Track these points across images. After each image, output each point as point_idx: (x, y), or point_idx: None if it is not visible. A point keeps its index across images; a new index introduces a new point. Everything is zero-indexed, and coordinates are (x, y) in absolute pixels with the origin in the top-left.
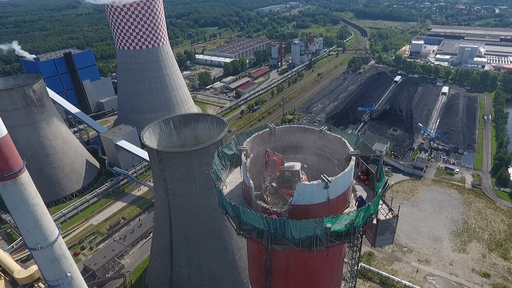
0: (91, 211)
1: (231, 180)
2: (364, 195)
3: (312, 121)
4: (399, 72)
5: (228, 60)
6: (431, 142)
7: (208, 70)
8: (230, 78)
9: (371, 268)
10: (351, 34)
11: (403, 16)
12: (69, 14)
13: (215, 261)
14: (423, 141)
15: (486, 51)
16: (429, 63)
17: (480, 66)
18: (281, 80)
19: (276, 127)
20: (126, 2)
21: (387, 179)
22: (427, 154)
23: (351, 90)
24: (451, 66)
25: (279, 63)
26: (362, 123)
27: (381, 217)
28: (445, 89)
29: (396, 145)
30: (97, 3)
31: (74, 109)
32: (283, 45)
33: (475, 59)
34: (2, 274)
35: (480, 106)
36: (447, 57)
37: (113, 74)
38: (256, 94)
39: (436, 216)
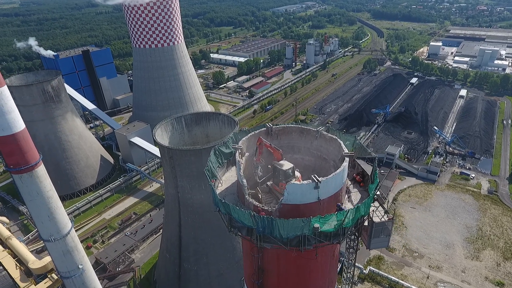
0: (104, 206)
1: (227, 178)
2: (358, 196)
3: (324, 122)
4: (415, 74)
5: (242, 59)
6: (447, 146)
7: (222, 69)
8: (243, 77)
9: (380, 272)
10: (367, 35)
11: (422, 17)
12: (88, 12)
13: (223, 259)
14: (438, 145)
15: (507, 53)
16: (447, 65)
17: (500, 69)
18: (295, 80)
19: (273, 126)
20: (143, 2)
21: (380, 181)
22: (442, 158)
23: (365, 91)
24: (470, 69)
25: (293, 63)
26: (376, 125)
27: (376, 219)
28: (463, 92)
29: (410, 148)
30: (113, 3)
31: (90, 106)
32: (297, 45)
33: (496, 61)
34: (18, 264)
35: (500, 110)
36: (466, 59)
37: (129, 71)
38: (269, 94)
39: (449, 222)
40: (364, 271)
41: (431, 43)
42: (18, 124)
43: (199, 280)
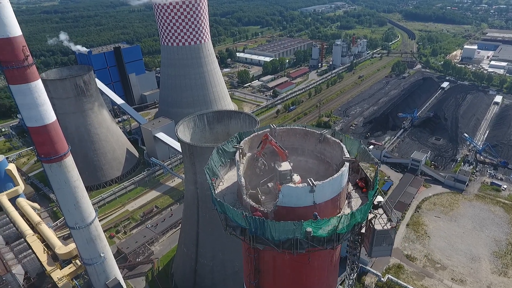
0: (128, 198)
1: (230, 177)
2: (359, 202)
3: (348, 125)
4: (447, 78)
5: (268, 59)
6: (477, 155)
7: (247, 68)
8: (268, 77)
9: (398, 281)
10: (398, 37)
11: (457, 19)
12: (122, 10)
13: (239, 257)
14: (468, 153)
15: None
16: (482, 69)
17: None
18: (320, 81)
19: (277, 127)
20: (172, 1)
21: (379, 188)
22: (471, 167)
23: (392, 94)
24: (507, 74)
25: (319, 64)
26: (402, 130)
27: (378, 227)
28: (498, 98)
29: (437, 155)
30: (141, 2)
31: (119, 100)
32: (324, 46)
33: None
34: (46, 249)
35: None
36: (504, 64)
37: (157, 68)
38: (293, 94)
39: (476, 234)
40: (382, 279)
41: (466, 46)
42: (50, 115)
43: (214, 276)
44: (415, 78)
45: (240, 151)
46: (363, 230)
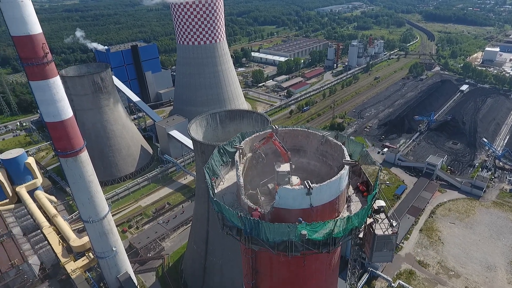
0: (141, 194)
1: (231, 177)
2: (359, 206)
3: (362, 127)
4: (466, 81)
5: (282, 59)
6: (496, 160)
7: (262, 68)
8: (283, 77)
9: (410, 287)
10: (416, 38)
11: (479, 20)
12: (140, 9)
13: None
14: (487, 158)
15: None
16: (503, 72)
17: None
18: (335, 82)
19: (279, 128)
20: (189, 0)
21: (377, 192)
22: (490, 173)
23: (409, 97)
24: None
25: (335, 65)
26: (418, 133)
27: (379, 232)
28: None
29: (454, 159)
30: (154, 2)
31: (135, 98)
32: (340, 46)
33: None
34: (61, 241)
35: None
36: None
37: (173, 67)
38: (308, 95)
39: (492, 242)
40: (392, 284)
41: (487, 48)
42: (67, 111)
43: (224, 274)
44: (433, 80)
45: (240, 151)
46: (360, 235)
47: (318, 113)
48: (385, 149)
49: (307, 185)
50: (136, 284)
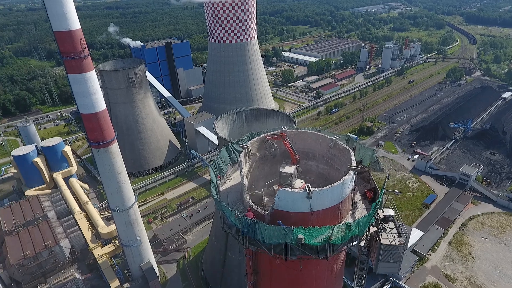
0: (167, 187)
1: (238, 176)
2: (364, 214)
3: (393, 132)
4: (510, 88)
5: (313, 59)
6: None
7: (292, 68)
8: (313, 77)
9: None
10: (456, 41)
11: None
12: (176, 7)
13: None
14: None
15: None
16: None
17: None
18: (366, 85)
19: (288, 129)
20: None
21: (382, 200)
22: None
23: (445, 102)
24: None
25: (367, 67)
26: (452, 141)
27: (386, 242)
28: None
29: (491, 171)
30: (181, 2)
31: (166, 93)
32: (374, 48)
33: None
34: (90, 227)
35: None
36: None
37: (204, 64)
38: (337, 97)
39: None
40: None
41: None
42: (100, 104)
43: (241, 271)
44: (472, 86)
45: (246, 151)
46: (361, 244)
47: (347, 116)
48: (416, 156)
49: (307, 189)
50: (158, 274)
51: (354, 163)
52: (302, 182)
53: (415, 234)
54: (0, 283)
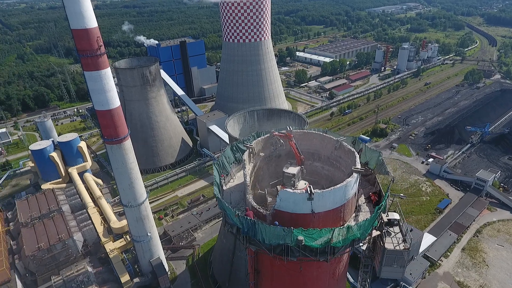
0: (178, 184)
1: (242, 175)
2: (367, 217)
3: (407, 134)
4: None
5: (327, 59)
6: None
7: (306, 68)
8: (326, 78)
9: None
10: (476, 42)
11: None
12: (192, 6)
13: None
14: None
15: None
16: None
17: None
18: (381, 86)
19: (294, 130)
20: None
21: (385, 204)
22: None
23: (462, 105)
24: None
25: (382, 68)
26: (469, 145)
27: (390, 246)
28: None
29: (509, 177)
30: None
31: (180, 92)
32: (390, 49)
33: None
34: (103, 221)
35: None
36: None
37: (218, 63)
38: (351, 98)
39: None
40: None
41: None
42: (115, 101)
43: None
44: (492, 89)
45: (250, 150)
46: (364, 247)
47: (360, 117)
48: (430, 159)
49: (308, 190)
50: (167, 270)
51: (358, 165)
52: (305, 184)
53: (427, 239)
54: (16, 273)
